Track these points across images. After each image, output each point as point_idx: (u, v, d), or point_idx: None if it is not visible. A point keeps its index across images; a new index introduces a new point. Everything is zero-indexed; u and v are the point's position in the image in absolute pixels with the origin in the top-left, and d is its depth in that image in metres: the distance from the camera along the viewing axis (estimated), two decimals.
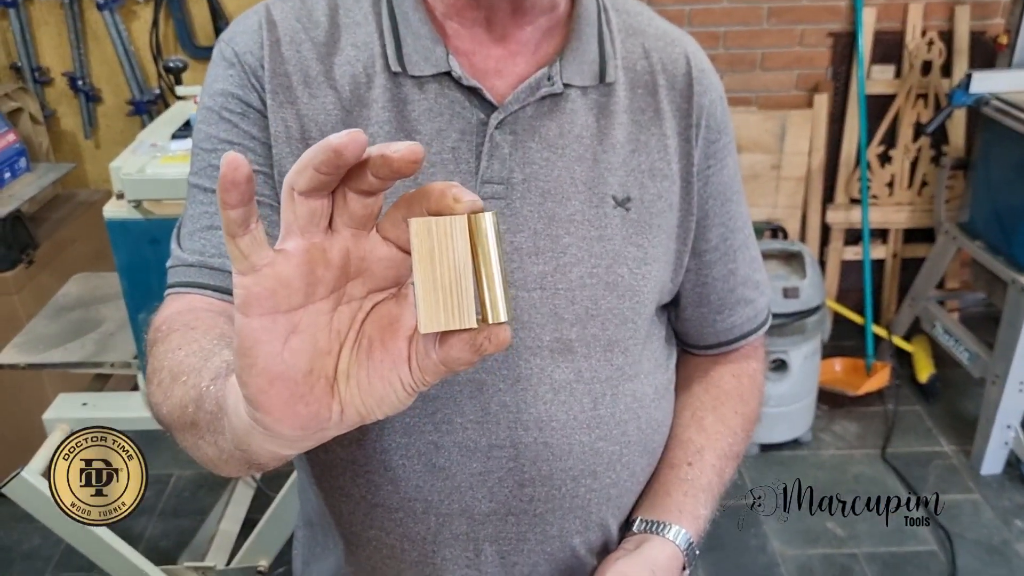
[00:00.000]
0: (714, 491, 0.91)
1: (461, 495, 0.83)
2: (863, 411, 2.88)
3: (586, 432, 0.83)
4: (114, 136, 3.07)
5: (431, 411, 0.80)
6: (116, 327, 1.73)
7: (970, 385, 2.91)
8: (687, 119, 0.85)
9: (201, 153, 0.81)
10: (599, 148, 0.82)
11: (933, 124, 2.72)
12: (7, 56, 2.94)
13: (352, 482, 0.85)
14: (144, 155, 1.45)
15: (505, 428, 0.81)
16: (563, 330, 0.81)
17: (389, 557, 0.87)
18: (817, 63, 2.98)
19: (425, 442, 0.81)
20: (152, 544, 2.41)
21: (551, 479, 0.83)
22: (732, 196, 0.91)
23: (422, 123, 0.79)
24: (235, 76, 0.80)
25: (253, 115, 0.80)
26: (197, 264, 0.79)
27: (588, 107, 0.82)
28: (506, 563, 0.86)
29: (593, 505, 0.87)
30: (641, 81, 0.85)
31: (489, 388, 0.80)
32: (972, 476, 2.60)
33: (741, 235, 0.93)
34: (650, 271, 0.85)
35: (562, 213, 0.81)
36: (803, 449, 2.74)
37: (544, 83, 0.80)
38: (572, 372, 0.82)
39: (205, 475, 2.67)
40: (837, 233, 3.10)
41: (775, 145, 2.96)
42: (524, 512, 0.84)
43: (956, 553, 2.32)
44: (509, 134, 0.80)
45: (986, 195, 2.67)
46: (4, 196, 2.35)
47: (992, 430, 2.54)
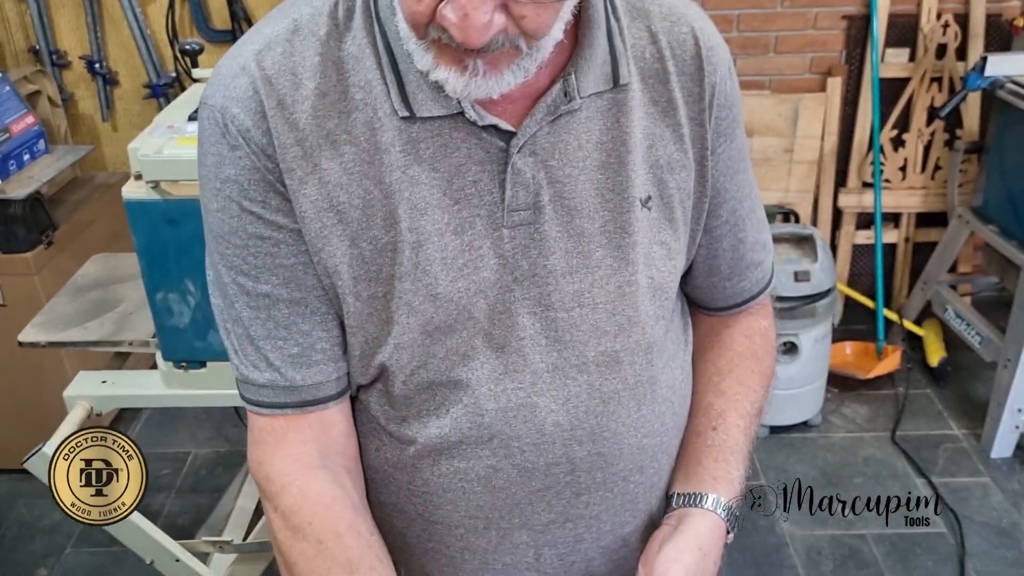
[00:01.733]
0: (743, 450, 0.92)
1: (521, 511, 0.84)
2: (873, 394, 2.89)
3: (633, 435, 0.85)
4: (131, 119, 3.10)
5: (487, 437, 0.81)
6: (135, 307, 1.76)
7: (981, 369, 2.91)
8: (700, 103, 0.83)
9: (234, 249, 0.78)
10: (622, 151, 0.80)
11: (947, 107, 2.71)
12: (25, 39, 2.97)
13: (408, 501, 0.86)
14: (161, 136, 1.47)
15: (561, 446, 0.82)
16: (606, 343, 0.82)
17: (447, 565, 0.89)
18: (831, 46, 2.97)
19: (484, 466, 0.82)
20: (170, 521, 2.45)
21: (604, 484, 0.86)
22: (739, 166, 0.90)
23: (439, 160, 0.76)
24: (244, 160, 0.75)
25: (275, 201, 0.76)
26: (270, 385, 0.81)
27: (604, 111, 0.80)
28: (564, 563, 0.88)
29: (641, 496, 0.89)
30: (652, 71, 0.82)
31: (542, 410, 0.81)
32: (982, 459, 2.61)
33: (748, 202, 0.93)
34: (675, 265, 0.86)
35: (591, 228, 0.80)
36: (813, 432, 2.75)
37: (561, 101, 0.77)
38: (619, 381, 0.83)
39: (222, 453, 2.72)
40: (849, 217, 3.10)
41: (788, 129, 2.96)
42: (581, 517, 0.86)
43: (965, 535, 2.33)
44: (530, 156, 0.77)
45: (1000, 179, 2.66)
46: (24, 178, 2.38)
47: (1003, 413, 2.55)
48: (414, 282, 0.77)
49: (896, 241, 3.15)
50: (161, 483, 2.61)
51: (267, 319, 0.79)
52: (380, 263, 0.77)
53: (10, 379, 2.47)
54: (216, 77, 0.77)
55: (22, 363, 2.41)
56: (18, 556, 2.37)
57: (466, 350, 0.80)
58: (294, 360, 0.80)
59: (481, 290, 0.78)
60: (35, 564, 2.34)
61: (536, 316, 0.80)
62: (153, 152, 1.43)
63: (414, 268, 0.77)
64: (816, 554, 2.31)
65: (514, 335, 0.80)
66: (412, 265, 0.77)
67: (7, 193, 2.29)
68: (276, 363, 0.80)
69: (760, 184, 0.99)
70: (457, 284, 0.78)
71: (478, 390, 0.80)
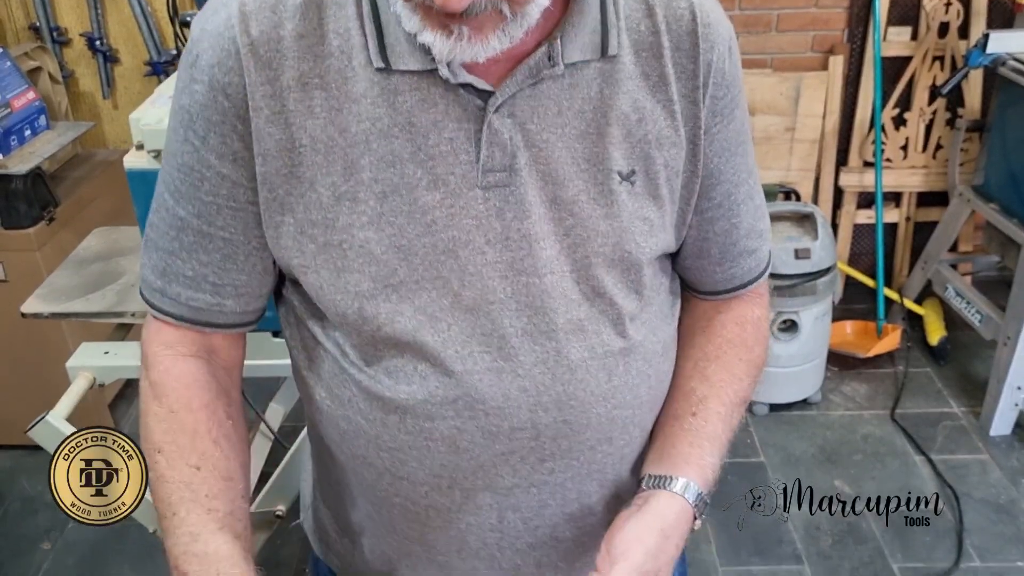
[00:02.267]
0: (721, 439, 0.90)
1: (485, 472, 0.84)
2: (873, 373, 2.90)
3: (602, 404, 0.85)
4: (132, 97, 3.09)
5: (452, 398, 0.81)
6: (136, 279, 1.76)
7: (981, 347, 2.91)
8: (693, 80, 0.82)
9: (171, 168, 0.82)
10: (602, 122, 0.79)
11: (949, 85, 2.71)
12: (26, 16, 2.96)
13: (376, 455, 0.86)
14: (163, 107, 1.47)
15: (526, 412, 0.82)
16: (574, 310, 0.82)
17: (414, 521, 0.89)
18: (833, 25, 2.96)
19: (448, 427, 0.83)
20: None
21: (570, 452, 0.85)
22: (738, 149, 0.88)
23: (416, 115, 0.76)
24: (199, 95, 0.78)
25: (214, 140, 0.79)
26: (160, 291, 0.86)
27: (589, 80, 0.79)
28: (528, 527, 0.88)
29: (609, 467, 0.89)
30: (646, 44, 0.80)
31: (508, 374, 0.81)
32: (981, 437, 2.62)
33: (745, 187, 0.91)
34: (656, 242, 0.85)
35: (566, 195, 0.79)
36: (812, 409, 2.76)
37: (544, 65, 0.76)
38: (586, 349, 0.83)
39: None
40: (850, 196, 3.10)
41: (789, 107, 2.96)
42: (545, 484, 0.86)
43: (963, 511, 2.34)
44: (507, 117, 0.77)
45: (1001, 157, 2.66)
46: (25, 153, 2.38)
47: (1002, 391, 2.56)
48: (378, 231, 0.77)
49: (897, 220, 3.15)
50: None
51: (175, 238, 0.84)
52: (337, 211, 0.78)
53: (12, 354, 2.48)
54: (204, 7, 0.81)
55: (24, 338, 2.42)
56: (21, 530, 2.38)
57: (434, 310, 0.80)
58: (186, 281, 0.85)
59: (450, 248, 0.78)
60: (38, 538, 2.36)
61: (508, 280, 0.80)
62: (155, 121, 1.43)
63: (378, 218, 0.77)
64: (815, 530, 2.32)
65: (484, 298, 0.80)
66: (376, 215, 0.77)
67: (8, 168, 2.29)
68: (170, 275, 0.85)
69: (761, 163, 0.98)
70: (424, 239, 0.78)
71: (445, 352, 0.80)
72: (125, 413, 2.81)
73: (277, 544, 2.11)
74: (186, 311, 0.86)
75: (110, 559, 2.28)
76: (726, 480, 2.48)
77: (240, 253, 0.84)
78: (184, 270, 0.84)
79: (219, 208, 0.81)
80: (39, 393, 1.99)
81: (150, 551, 2.21)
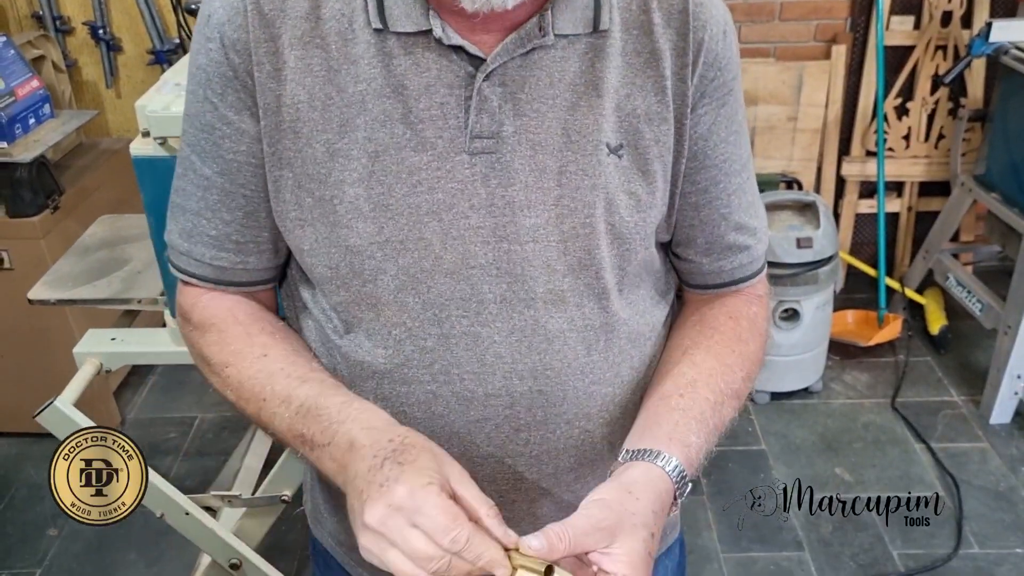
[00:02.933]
0: (708, 422, 0.85)
1: (459, 439, 0.85)
2: (874, 362, 2.91)
3: (580, 378, 0.85)
4: (135, 86, 3.09)
5: (428, 362, 0.83)
6: (143, 265, 1.77)
7: (981, 337, 2.93)
8: (683, 57, 0.82)
9: (194, 130, 0.85)
10: (592, 95, 0.80)
11: (952, 74, 2.71)
12: (29, 4, 2.96)
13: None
14: (169, 93, 1.48)
15: (500, 378, 0.83)
16: (555, 281, 0.82)
17: None
18: (836, 14, 2.96)
19: (424, 391, 0.84)
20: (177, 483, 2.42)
21: (546, 424, 0.85)
22: (728, 137, 0.87)
23: (409, 78, 0.78)
24: (214, 53, 0.81)
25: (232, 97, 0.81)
26: (186, 253, 0.88)
27: (580, 53, 0.80)
28: (505, 501, 0.87)
29: (587, 444, 0.89)
30: (636, 21, 0.81)
31: (484, 340, 0.82)
32: (981, 425, 2.64)
33: (737, 179, 0.89)
34: (644, 217, 0.84)
35: (553, 165, 0.80)
36: (813, 398, 2.77)
37: (535, 35, 0.77)
38: (565, 321, 0.83)
39: (228, 417, 2.74)
40: (852, 186, 3.11)
41: (792, 97, 2.96)
42: (520, 455, 0.87)
43: (963, 499, 2.36)
44: (498, 86, 0.78)
45: (1003, 147, 2.66)
46: (29, 141, 2.39)
47: (1002, 380, 2.57)
48: (367, 189, 0.79)
49: (899, 210, 3.16)
50: (168, 447, 2.64)
51: (201, 198, 0.86)
52: (330, 167, 0.79)
53: (17, 342, 2.49)
54: None
55: (29, 326, 2.43)
56: (28, 517, 2.40)
57: (416, 271, 0.81)
58: (210, 241, 0.87)
59: (434, 211, 0.79)
60: (45, 524, 2.37)
61: (490, 246, 0.80)
62: (161, 108, 1.43)
63: (368, 176, 0.79)
64: (815, 517, 2.34)
65: (465, 263, 0.80)
66: (367, 173, 0.79)
67: (13, 156, 2.30)
68: (195, 237, 0.87)
69: (763, 152, 0.97)
70: (409, 199, 0.79)
71: (423, 314, 0.82)
72: (130, 401, 2.83)
73: (282, 530, 2.13)
74: (210, 271, 0.88)
75: (117, 545, 2.30)
76: (727, 468, 2.49)
77: (261, 210, 0.85)
78: (208, 229, 0.86)
79: (240, 165, 0.83)
80: (44, 381, 2.00)
81: (156, 537, 2.23)
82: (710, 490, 2.42)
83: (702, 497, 2.39)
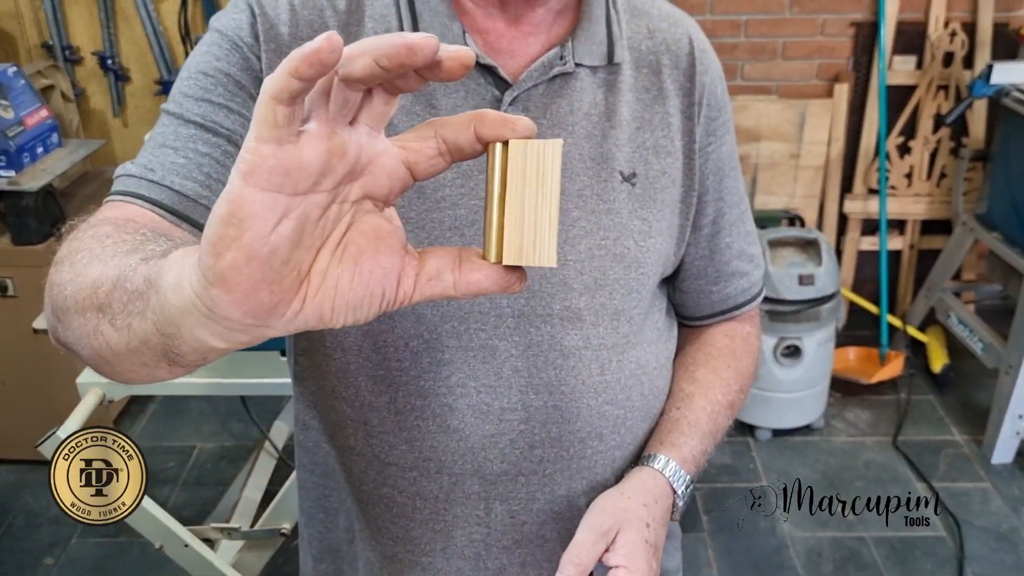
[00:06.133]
0: (703, 427, 0.92)
1: (474, 456, 0.85)
2: (876, 399, 2.91)
3: (593, 396, 0.86)
4: (142, 115, 3.12)
5: (445, 375, 0.83)
6: None
7: (983, 376, 2.92)
8: (689, 97, 0.88)
9: (184, 81, 0.79)
10: (607, 125, 0.85)
11: (953, 114, 2.73)
12: (39, 35, 2.99)
13: (365, 442, 0.87)
14: None
15: (516, 392, 0.84)
16: (572, 299, 0.84)
17: (399, 515, 0.90)
18: (838, 53, 2.99)
19: (439, 404, 0.84)
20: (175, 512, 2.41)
21: (560, 441, 0.86)
22: (729, 172, 0.94)
23: (438, 97, 0.81)
24: (244, 20, 0.79)
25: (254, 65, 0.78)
26: (139, 176, 0.75)
27: (596, 85, 0.85)
28: (515, 522, 0.89)
29: (599, 466, 0.90)
30: (646, 60, 0.87)
31: (502, 353, 0.83)
32: (983, 465, 2.63)
33: (737, 210, 0.96)
34: (654, 244, 0.88)
35: (571, 188, 0.83)
36: (815, 435, 2.77)
37: (556, 62, 0.82)
38: (580, 339, 0.85)
39: (227, 447, 2.73)
40: (854, 223, 3.12)
41: (795, 134, 2.98)
42: (534, 473, 0.87)
43: (964, 539, 2.34)
44: (521, 111, 0.81)
45: (1005, 186, 2.68)
46: (37, 170, 2.40)
47: (1004, 420, 2.56)
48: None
49: (901, 247, 3.17)
50: (166, 476, 2.63)
51: (171, 133, 0.77)
52: None
53: (21, 370, 2.50)
54: None
55: (33, 355, 2.43)
56: (25, 545, 2.39)
57: None
58: (175, 168, 0.76)
59: (456, 226, 0.81)
60: (41, 554, 2.36)
61: None
62: None
63: None
64: (816, 556, 2.32)
65: None
66: None
67: (20, 185, 2.32)
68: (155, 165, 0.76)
69: (766, 188, 1.03)
70: (432, 214, 0.80)
71: (441, 326, 0.82)
72: (129, 429, 2.82)
73: (280, 563, 2.12)
74: (167, 196, 0.74)
75: (113, 575, 2.29)
76: (728, 504, 2.48)
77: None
78: (176, 158, 0.76)
79: (228, 112, 0.77)
80: (46, 409, 2.00)
81: (154, 568, 2.21)
82: (711, 527, 2.41)
83: (702, 534, 2.38)
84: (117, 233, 0.65)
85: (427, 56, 0.42)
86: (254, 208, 0.42)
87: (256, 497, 1.99)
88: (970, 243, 2.84)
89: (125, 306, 0.55)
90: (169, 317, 0.49)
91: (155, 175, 0.75)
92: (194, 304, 0.45)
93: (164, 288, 0.49)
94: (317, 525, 1.00)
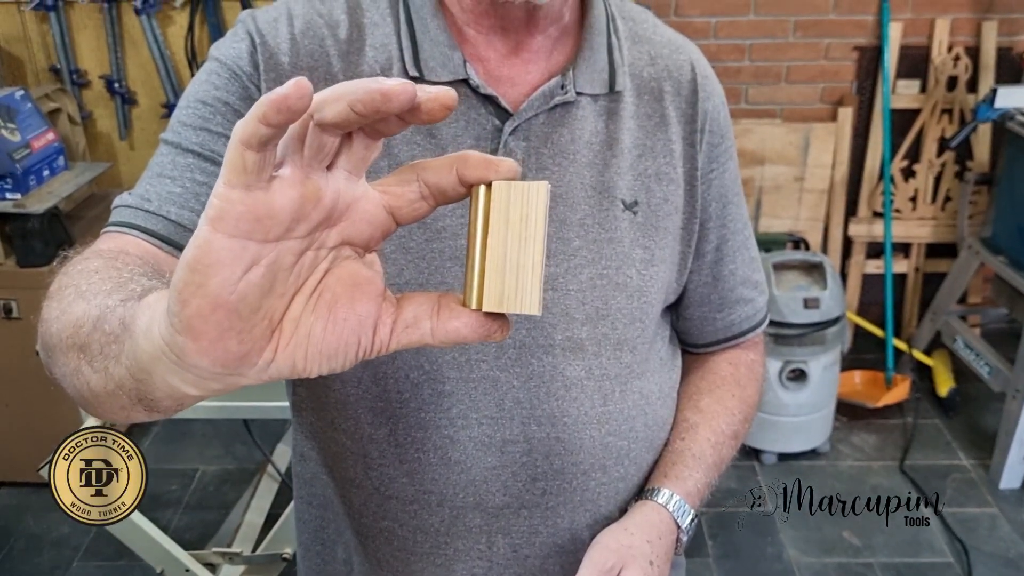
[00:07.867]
0: (707, 460, 0.91)
1: (476, 488, 0.84)
2: (882, 423, 2.89)
3: (596, 427, 0.85)
4: (148, 138, 3.14)
5: (447, 407, 0.82)
6: None
7: (990, 400, 2.90)
8: (692, 124, 0.87)
9: (183, 110, 0.79)
10: (608, 153, 0.84)
11: (957, 139, 2.73)
12: (47, 58, 3.01)
13: (364, 474, 0.86)
14: None
15: (519, 424, 0.83)
16: (574, 329, 0.83)
17: (400, 549, 0.88)
18: (842, 77, 3.00)
19: (441, 436, 0.83)
20: (177, 535, 2.43)
21: (563, 473, 0.85)
22: (732, 199, 0.93)
23: (438, 126, 0.80)
24: (244, 49, 0.79)
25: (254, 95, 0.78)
26: (135, 206, 0.75)
27: (597, 114, 0.84)
28: (518, 556, 0.87)
29: (602, 499, 0.88)
30: (648, 87, 0.86)
31: (503, 385, 0.82)
32: (991, 490, 2.60)
33: (740, 236, 0.95)
34: (657, 272, 0.87)
35: (573, 217, 0.82)
36: (821, 459, 2.75)
37: (558, 92, 0.81)
38: (583, 369, 0.84)
39: (230, 470, 2.72)
40: (859, 246, 3.11)
41: (799, 157, 2.98)
42: (536, 505, 0.86)
43: (972, 565, 2.32)
44: (522, 140, 0.81)
45: (1010, 210, 2.67)
46: (43, 193, 2.41)
47: (1012, 444, 2.54)
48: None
49: (906, 271, 3.16)
50: (169, 498, 2.62)
51: (169, 163, 0.77)
52: None
53: (24, 393, 2.49)
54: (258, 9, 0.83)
55: (36, 377, 2.41)
56: (26, 568, 2.37)
57: None
58: (172, 197, 0.76)
59: (456, 256, 0.80)
60: None
61: None
62: None
63: None
64: None
65: None
66: None
67: (27, 207, 2.32)
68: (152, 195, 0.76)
69: (771, 212, 1.02)
70: (432, 245, 0.80)
71: (442, 358, 0.81)
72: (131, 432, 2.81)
73: None
74: (162, 226, 0.74)
75: None
76: (733, 530, 2.46)
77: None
78: (172, 187, 0.76)
79: (226, 141, 0.73)
80: (49, 432, 1.99)
81: None
82: (716, 552, 2.39)
83: (708, 559, 2.36)
84: (105, 268, 0.64)
85: (403, 103, 0.41)
86: (220, 255, 0.40)
87: (258, 521, 1.98)
88: (975, 266, 2.83)
89: (102, 348, 0.54)
90: (141, 363, 0.47)
91: (151, 205, 0.75)
92: (163, 351, 0.44)
93: (136, 333, 0.48)
94: (314, 557, 0.98)
